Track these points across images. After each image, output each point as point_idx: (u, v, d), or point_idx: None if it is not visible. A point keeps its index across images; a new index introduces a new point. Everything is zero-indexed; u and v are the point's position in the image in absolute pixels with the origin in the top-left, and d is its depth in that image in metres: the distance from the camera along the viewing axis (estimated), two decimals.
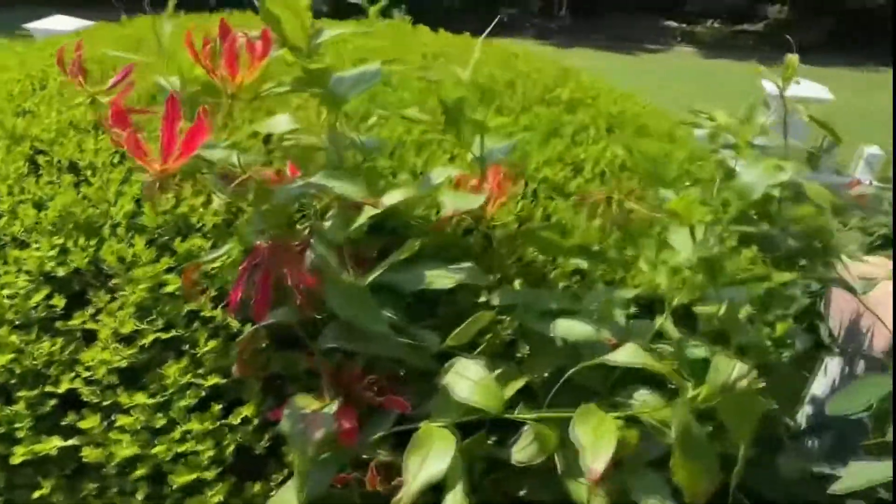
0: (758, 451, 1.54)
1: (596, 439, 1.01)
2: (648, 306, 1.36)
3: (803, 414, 2.12)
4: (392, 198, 1.16)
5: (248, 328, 1.17)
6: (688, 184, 1.66)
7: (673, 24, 14.02)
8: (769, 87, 4.37)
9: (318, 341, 1.16)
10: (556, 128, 1.59)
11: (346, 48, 1.88)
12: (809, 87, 4.10)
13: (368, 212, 1.19)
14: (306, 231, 1.23)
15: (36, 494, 1.17)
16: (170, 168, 1.02)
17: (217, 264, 1.25)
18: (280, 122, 1.16)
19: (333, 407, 1.12)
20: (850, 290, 1.87)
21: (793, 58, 1.82)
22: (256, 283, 1.10)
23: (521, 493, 1.25)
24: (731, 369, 1.10)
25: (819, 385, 2.18)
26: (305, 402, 1.12)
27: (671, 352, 1.23)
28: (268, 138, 1.40)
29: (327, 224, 1.20)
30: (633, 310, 1.38)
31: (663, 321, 1.26)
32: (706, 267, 1.16)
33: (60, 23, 3.31)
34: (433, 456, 1.05)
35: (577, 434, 1.02)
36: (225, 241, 1.26)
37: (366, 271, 1.20)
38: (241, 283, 1.10)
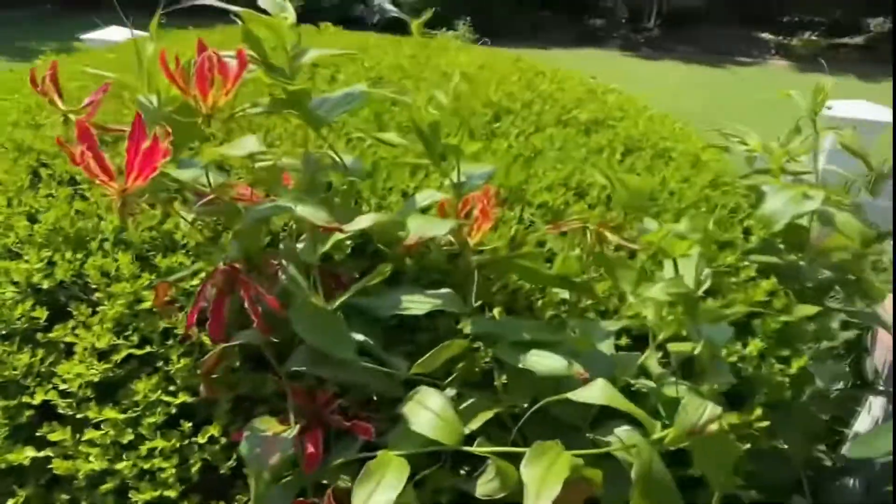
0: (769, 493, 1.49)
1: (542, 480, 0.99)
2: (641, 339, 1.33)
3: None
4: (358, 223, 1.16)
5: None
6: (703, 210, 1.63)
7: (767, 35, 13.67)
8: (836, 108, 4.23)
9: (285, 364, 1.18)
10: (531, 153, 1.58)
11: (363, 66, 1.90)
12: (869, 109, 3.93)
13: (337, 235, 1.20)
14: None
15: (10, 502, 1.21)
16: (129, 188, 1.06)
17: (195, 282, 1.28)
18: (247, 144, 1.18)
19: (294, 431, 1.13)
20: (883, 325, 1.80)
21: (826, 81, 1.77)
22: (211, 305, 1.12)
23: None
24: (700, 411, 1.07)
25: (863, 423, 2.10)
26: (267, 425, 1.14)
27: (652, 388, 1.21)
28: None
29: (300, 246, 1.23)
30: (624, 342, 1.36)
31: (647, 356, 1.24)
32: (684, 302, 1.13)
33: (115, 34, 3.45)
34: (383, 486, 1.05)
35: (525, 473, 1.01)
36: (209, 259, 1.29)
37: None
38: (198, 304, 1.13)
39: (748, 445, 1.37)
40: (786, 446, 1.47)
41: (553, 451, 1.04)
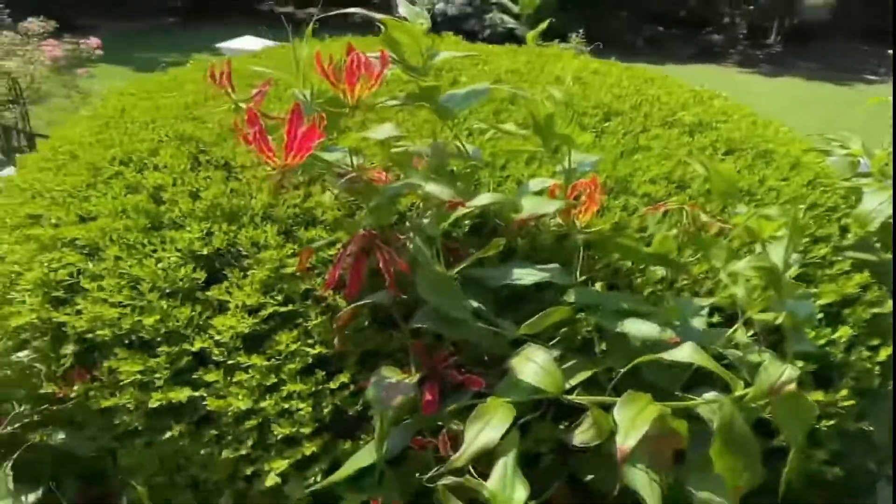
0: (854, 474, 1.61)
1: (632, 421, 1.17)
2: (733, 318, 1.48)
3: None
4: (480, 200, 1.36)
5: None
6: (801, 207, 1.77)
7: None
8: None
9: (409, 322, 1.38)
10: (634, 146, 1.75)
11: (484, 69, 2.12)
12: None
13: (460, 211, 1.41)
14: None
15: (167, 435, 1.46)
16: (289, 164, 1.28)
17: (332, 252, 1.50)
18: (385, 129, 1.39)
19: (414, 378, 1.34)
20: None
21: None
22: (350, 266, 1.34)
23: (588, 478, 1.42)
24: (780, 372, 1.22)
25: None
26: (390, 373, 1.35)
27: (739, 356, 1.36)
28: None
29: (426, 221, 1.43)
30: (717, 319, 1.51)
31: (735, 329, 1.39)
32: (768, 276, 1.28)
33: (248, 43, 3.77)
34: (490, 426, 1.24)
35: (616, 414, 1.18)
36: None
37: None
38: (339, 265, 1.35)
39: (833, 422, 1.51)
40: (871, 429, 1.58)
41: (643, 399, 1.21)
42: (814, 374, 1.54)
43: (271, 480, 1.40)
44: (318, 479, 1.40)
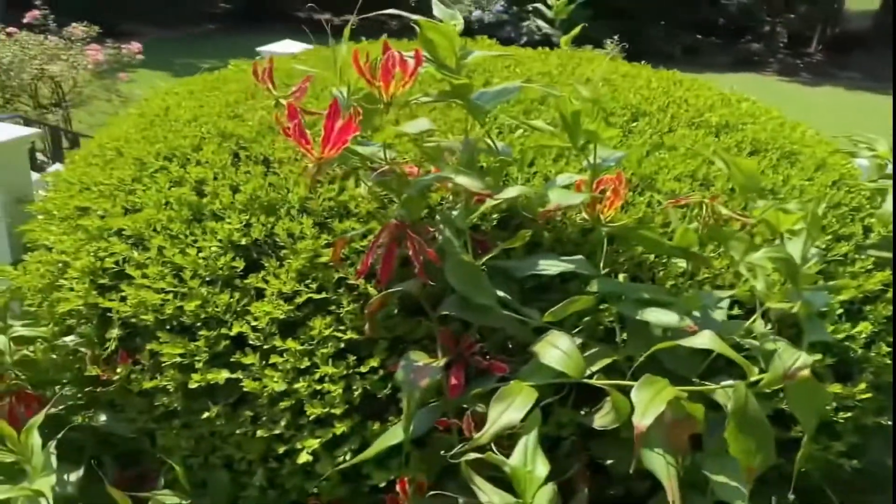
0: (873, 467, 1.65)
1: (649, 402, 1.23)
2: (753, 311, 1.53)
3: None
4: (508, 192, 1.43)
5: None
6: (823, 205, 1.81)
7: None
8: None
9: (437, 309, 1.45)
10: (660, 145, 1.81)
11: (516, 71, 2.19)
12: None
13: (489, 203, 1.48)
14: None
15: (204, 416, 1.54)
16: (326, 156, 1.36)
17: (364, 243, 1.57)
18: (419, 124, 1.47)
19: (441, 363, 1.40)
20: None
21: None
22: (382, 254, 1.41)
23: (608, 462, 1.48)
24: (794, 359, 1.27)
25: None
26: (418, 357, 1.42)
27: (755, 346, 1.41)
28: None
29: (455, 214, 1.50)
30: (736, 311, 1.56)
31: (753, 320, 1.44)
32: (785, 267, 1.33)
33: (288, 47, 3.87)
34: (514, 406, 1.31)
35: (634, 395, 1.24)
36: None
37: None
38: (371, 253, 1.42)
39: (851, 414, 1.55)
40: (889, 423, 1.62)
41: (660, 382, 1.27)
42: (834, 368, 1.59)
43: (303, 458, 1.48)
44: (348, 457, 1.47)
